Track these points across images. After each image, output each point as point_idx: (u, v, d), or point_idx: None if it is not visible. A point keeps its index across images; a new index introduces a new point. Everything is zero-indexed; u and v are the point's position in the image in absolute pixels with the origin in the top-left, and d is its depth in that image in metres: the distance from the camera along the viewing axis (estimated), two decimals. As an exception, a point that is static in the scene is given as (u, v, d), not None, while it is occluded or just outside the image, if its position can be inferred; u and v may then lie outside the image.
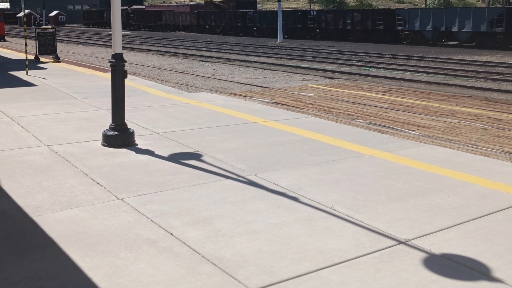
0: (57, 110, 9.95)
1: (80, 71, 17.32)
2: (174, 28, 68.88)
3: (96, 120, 9.02)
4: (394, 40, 42.13)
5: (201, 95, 12.61)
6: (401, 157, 6.87)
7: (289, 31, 50.04)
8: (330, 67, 22.98)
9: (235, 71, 21.15)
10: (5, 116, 9.31)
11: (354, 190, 5.56)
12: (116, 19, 7.32)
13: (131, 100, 10.49)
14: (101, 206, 5.00)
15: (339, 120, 9.75)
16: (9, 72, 16.52)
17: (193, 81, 17.71)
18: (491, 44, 35.55)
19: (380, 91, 14.50)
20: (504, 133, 9.02)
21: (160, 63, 24.65)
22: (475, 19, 36.15)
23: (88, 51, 32.24)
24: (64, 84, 13.66)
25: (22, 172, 6.06)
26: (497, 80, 18.52)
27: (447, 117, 10.49)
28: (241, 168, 6.29)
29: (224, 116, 9.58)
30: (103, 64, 21.43)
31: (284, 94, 13.84)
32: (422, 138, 8.41)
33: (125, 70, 7.39)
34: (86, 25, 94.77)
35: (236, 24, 57.17)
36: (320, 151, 7.15)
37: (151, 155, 6.84)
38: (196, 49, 34.74)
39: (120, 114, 7.37)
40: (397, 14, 42.00)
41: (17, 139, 7.63)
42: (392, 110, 11.34)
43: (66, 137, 7.76)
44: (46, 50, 20.43)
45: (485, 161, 6.82)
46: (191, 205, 5.05)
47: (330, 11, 51.86)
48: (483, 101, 12.92)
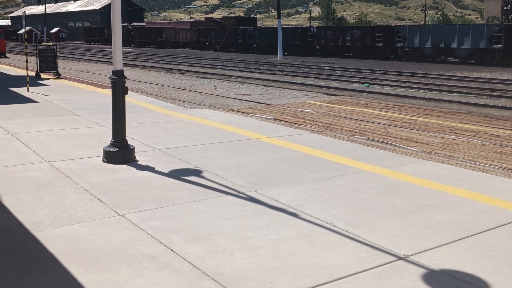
0: (58, 127, 10.00)
1: (81, 87, 17.41)
2: (175, 44, 69.29)
3: (97, 137, 9.06)
4: (393, 56, 42.36)
5: (202, 112, 12.68)
6: (401, 173, 6.89)
7: (289, 47, 50.32)
8: (330, 84, 23.09)
9: (235, 88, 21.24)
10: (6, 133, 9.36)
11: (353, 206, 5.58)
12: (116, 36, 7.39)
13: (131, 117, 10.54)
14: (102, 222, 5.02)
15: (338, 137, 9.80)
16: (10, 88, 16.60)
17: (193, 97, 17.79)
18: (490, 61, 35.73)
19: (379, 107, 14.57)
20: (503, 149, 9.06)
21: (160, 79, 24.77)
22: (474, 35, 36.36)
23: (89, 68, 32.41)
24: (65, 101, 13.73)
25: (23, 188, 6.08)
26: (496, 97, 18.61)
27: (446, 134, 10.53)
28: (241, 184, 6.32)
29: (224, 133, 9.63)
30: (104, 81, 21.54)
31: (284, 110, 13.90)
32: (421, 154, 8.45)
33: (126, 86, 7.44)
34: (86, 41, 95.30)
35: (236, 40, 57.51)
36: (320, 167, 7.18)
37: (152, 171, 6.87)
38: (197, 66, 34.92)
39: (120, 131, 7.41)
40: (396, 31, 42.25)
41: (18, 155, 7.67)
42: (392, 126, 11.39)
43: (67, 154, 7.79)
44: (47, 66, 20.56)
45: (484, 177, 6.85)
46: (191, 221, 5.06)
47: (330, 28, 52.18)
48: (482, 117, 12.97)
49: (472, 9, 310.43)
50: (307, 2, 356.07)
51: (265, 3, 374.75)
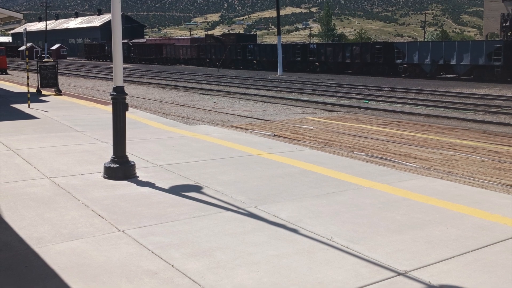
0: (58, 143, 10.04)
1: (82, 104, 17.49)
2: (175, 61, 69.62)
3: (98, 153, 9.10)
4: (393, 73, 42.56)
5: (202, 128, 12.73)
6: (400, 189, 6.92)
7: (289, 64, 50.57)
8: (330, 100, 23.19)
9: (235, 104, 21.33)
10: (7, 149, 9.40)
11: (353, 222, 5.60)
12: (117, 52, 7.45)
13: (132, 133, 10.59)
14: (103, 238, 5.04)
15: (338, 153, 9.84)
16: (11, 105, 16.68)
17: (193, 114, 17.86)
18: (489, 77, 35.89)
19: (379, 123, 14.63)
20: (502, 166, 9.09)
21: (161, 96, 24.88)
22: (473, 52, 36.58)
23: (90, 84, 32.55)
24: (66, 117, 13.80)
25: (24, 204, 6.11)
26: (495, 113, 18.68)
27: (445, 150, 10.57)
28: (241, 200, 6.35)
29: (225, 149, 9.67)
30: (105, 97, 21.64)
31: (283, 126, 13.95)
32: (420, 170, 8.48)
33: (126, 103, 7.49)
34: (87, 58, 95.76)
35: (236, 57, 57.81)
36: (320, 183, 7.21)
37: (152, 187, 6.90)
38: (197, 82, 35.08)
39: (121, 147, 7.45)
40: (396, 47, 42.51)
41: (19, 171, 7.70)
42: (391, 142, 11.43)
43: (67, 170, 7.83)
44: (48, 83, 20.68)
45: (483, 193, 6.88)
46: (192, 237, 5.09)
47: (330, 44, 52.48)
48: (481, 133, 13.02)
49: (471, 26, 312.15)
50: (307, 19, 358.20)
51: (265, 20, 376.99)
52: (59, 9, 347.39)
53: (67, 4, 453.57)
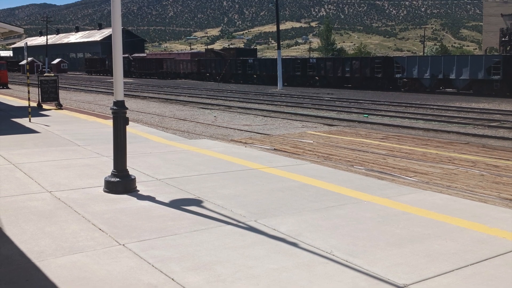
0: (59, 157, 10.08)
1: (82, 118, 17.55)
2: (175, 75, 69.87)
3: (98, 167, 9.14)
4: (392, 87, 42.70)
5: (202, 142, 12.77)
6: (400, 203, 6.95)
7: (289, 78, 50.75)
8: (329, 114, 23.26)
9: (235, 118, 21.40)
10: (8, 163, 9.43)
11: (353, 235, 5.62)
12: (117, 66, 7.49)
13: (132, 147, 10.63)
14: (103, 252, 5.06)
15: (338, 167, 9.87)
16: (12, 119, 16.74)
17: (193, 128, 17.92)
18: (488, 92, 36.01)
19: (378, 138, 14.67)
20: (501, 180, 9.12)
21: (161, 110, 24.96)
22: (473, 66, 36.71)
23: (90, 99, 32.66)
24: (67, 131, 13.85)
25: (25, 218, 6.13)
26: (494, 127, 18.74)
27: (444, 164, 10.61)
28: (241, 214, 6.37)
29: (225, 163, 9.70)
30: (105, 111, 21.71)
31: (283, 141, 14.00)
32: (420, 184, 8.51)
33: (127, 117, 7.52)
34: (88, 72, 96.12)
35: (236, 71, 58.03)
36: (320, 197, 7.24)
37: (153, 201, 6.92)
38: (197, 97, 35.19)
39: (121, 161, 7.48)
40: (395, 61, 42.68)
41: (20, 185, 7.73)
42: (391, 156, 11.47)
43: (68, 184, 7.86)
44: (49, 97, 20.77)
45: (482, 207, 6.90)
46: (192, 251, 5.11)
47: (329, 58, 52.71)
48: (480, 147, 13.06)
49: (471, 40, 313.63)
50: (307, 34, 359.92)
51: (265, 34, 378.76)
52: (60, 24, 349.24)
53: (68, 19, 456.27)
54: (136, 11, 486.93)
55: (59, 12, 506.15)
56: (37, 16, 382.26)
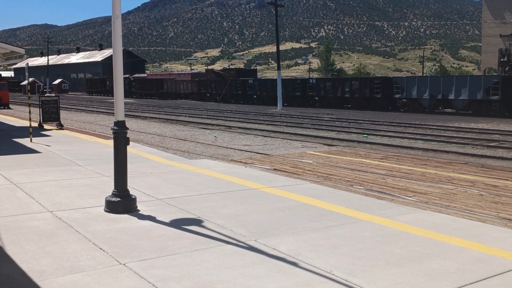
0: (60, 177, 10.13)
1: (83, 138, 17.63)
2: (176, 96, 70.17)
3: (99, 187, 9.18)
4: (392, 107, 42.85)
5: (202, 162, 12.83)
6: (399, 223, 6.98)
7: (289, 98, 50.96)
8: (329, 135, 23.34)
9: (235, 138, 21.47)
10: (9, 183, 9.48)
11: (352, 255, 5.65)
12: (118, 87, 7.57)
13: (133, 167, 10.68)
14: (104, 271, 5.09)
15: (337, 187, 9.91)
16: (13, 139, 16.82)
17: (194, 148, 17.98)
18: (487, 112, 36.13)
19: (378, 158, 14.73)
20: (500, 199, 9.16)
21: (161, 130, 25.05)
22: (472, 87, 36.87)
23: (91, 119, 32.79)
24: (67, 151, 13.91)
25: (26, 237, 6.17)
26: (493, 147, 18.80)
27: (443, 184, 10.65)
28: (241, 234, 6.40)
29: (225, 183, 9.75)
30: (106, 131, 21.80)
31: (283, 161, 14.05)
32: (419, 204, 8.55)
33: (127, 137, 7.58)
34: (89, 93, 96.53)
35: (237, 92, 58.29)
36: (319, 216, 7.28)
37: (153, 221, 6.96)
38: (197, 117, 35.32)
39: (122, 181, 7.53)
40: (394, 82, 42.87)
41: (21, 205, 7.77)
42: (390, 176, 11.51)
43: (69, 203, 7.90)
44: (50, 117, 20.88)
45: (481, 226, 6.94)
46: (192, 270, 5.13)
47: (329, 79, 52.96)
48: (479, 167, 13.11)
49: (470, 61, 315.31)
50: (306, 54, 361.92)
51: (265, 54, 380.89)
52: (61, 44, 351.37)
53: (69, 39, 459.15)
54: (137, 31, 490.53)
55: (60, 33, 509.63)
56: (38, 37, 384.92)
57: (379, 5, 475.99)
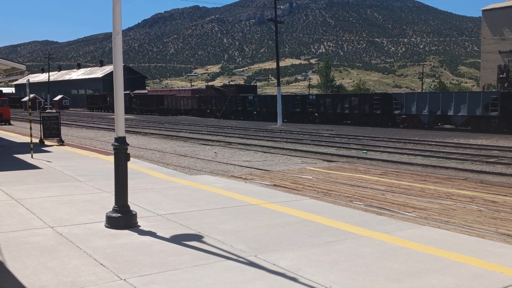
0: (61, 193, 10.17)
1: (84, 154, 17.68)
2: (176, 112, 70.36)
3: (100, 202, 9.22)
4: (391, 123, 42.96)
5: (202, 178, 12.87)
6: (398, 238, 7.01)
7: (289, 114, 51.10)
8: (329, 150, 23.39)
9: (235, 154, 21.52)
10: (11, 198, 9.52)
11: (352, 270, 5.67)
12: (119, 103, 7.65)
13: (133, 183, 10.72)
14: (105, 286, 5.11)
15: (337, 202, 9.95)
16: (14, 155, 16.87)
17: (194, 164, 18.02)
18: (486, 128, 36.22)
19: (377, 173, 14.77)
20: (499, 215, 9.19)
21: (162, 146, 25.11)
22: (471, 103, 37.01)
23: (92, 135, 32.86)
24: (68, 167, 13.96)
25: (27, 253, 6.19)
26: (492, 163, 18.85)
27: (443, 199, 10.68)
28: (241, 249, 6.43)
29: (225, 198, 9.79)
30: (106, 147, 21.85)
31: (283, 176, 14.09)
32: (418, 219, 8.58)
33: (128, 153, 7.63)
34: (89, 109, 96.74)
35: (237, 108, 58.47)
36: (319, 232, 7.31)
37: (153, 236, 6.99)
38: (198, 133, 35.41)
39: (123, 196, 7.57)
40: (394, 98, 43.04)
41: (22, 221, 7.81)
42: (389, 192, 11.55)
43: (70, 219, 7.94)
44: (51, 133, 20.96)
45: (480, 242, 6.96)
46: (193, 286, 5.16)
47: (329, 95, 53.16)
48: (478, 183, 13.15)
49: (469, 77, 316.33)
50: (306, 70, 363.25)
51: (265, 71, 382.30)
52: (62, 61, 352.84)
53: (70, 56, 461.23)
54: (137, 48, 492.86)
55: (61, 49, 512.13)
56: (39, 53, 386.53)
57: (378, 21, 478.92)
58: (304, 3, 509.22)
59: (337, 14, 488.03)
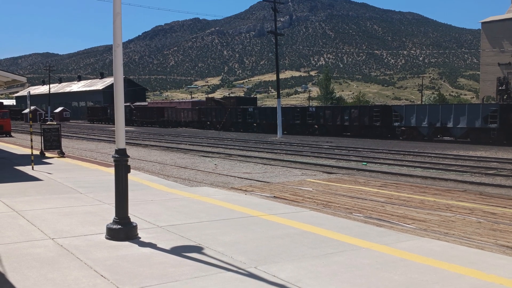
0: (62, 204, 10.20)
1: (85, 166, 17.72)
2: (176, 124, 70.47)
3: (100, 214, 9.25)
4: (391, 135, 43.01)
5: (203, 190, 12.90)
6: (398, 250, 7.04)
7: (289, 126, 51.18)
8: (329, 162, 23.43)
9: (235, 166, 21.55)
10: (11, 210, 9.55)
11: (351, 282, 5.70)
12: (119, 115, 7.69)
13: (134, 194, 10.76)
14: (105, 298, 5.14)
15: (337, 214, 9.98)
16: (15, 167, 16.91)
17: (194, 175, 18.05)
18: (485, 140, 36.28)
19: (377, 185, 14.81)
20: (498, 227, 9.22)
21: (162, 158, 25.15)
22: (470, 115, 37.09)
23: (92, 147, 32.91)
24: (69, 179, 14.00)
25: (28, 264, 6.22)
26: (491, 175, 18.88)
27: (442, 211, 10.71)
28: (241, 261, 6.46)
29: (225, 210, 9.82)
30: (107, 159, 21.89)
31: (283, 188, 14.12)
32: (418, 231, 8.61)
33: (128, 165, 7.67)
34: (90, 121, 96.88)
35: (237, 120, 58.56)
36: (319, 244, 7.34)
37: (154, 248, 7.02)
38: (198, 145, 35.47)
39: (123, 208, 7.61)
40: (393, 110, 43.12)
41: (23, 233, 7.84)
42: (389, 204, 11.58)
43: (70, 231, 7.97)
44: (51, 145, 21.01)
45: (479, 254, 6.99)
46: (193, 297, 5.18)
47: (329, 107, 53.25)
48: (477, 195, 13.19)
49: (468, 89, 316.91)
50: (306, 82, 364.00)
51: (264, 83, 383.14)
52: (62, 73, 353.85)
53: (70, 68, 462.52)
54: (138, 60, 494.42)
55: (61, 61, 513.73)
56: (40, 65, 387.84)
57: (378, 34, 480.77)
58: (304, 16, 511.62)
59: (337, 26, 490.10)
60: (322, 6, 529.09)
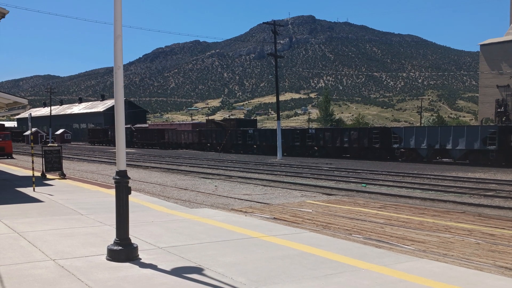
0: (63, 226, 10.26)
1: (86, 187, 17.79)
2: (177, 146, 70.60)
3: (101, 235, 9.31)
4: (390, 157, 43.10)
5: (203, 211, 12.96)
6: (397, 271, 7.09)
7: (288, 148, 51.28)
8: (328, 184, 23.48)
9: (235, 188, 21.61)
10: (13, 231, 9.61)
11: (350, 302, 5.75)
12: (120, 137, 7.79)
13: (135, 216, 10.82)
14: (107, 318, 5.18)
15: (336, 235, 10.03)
16: (16, 188, 16.98)
17: (195, 197, 18.10)
18: (484, 162, 36.36)
19: (376, 207, 14.86)
20: (496, 248, 9.27)
21: (163, 179, 25.21)
22: (469, 137, 37.22)
23: (93, 168, 32.98)
24: (70, 200, 14.06)
25: (29, 285, 6.27)
26: (490, 197, 18.93)
27: (441, 232, 10.76)
28: (241, 282, 6.51)
29: (225, 231, 9.87)
30: (108, 181, 21.96)
31: (283, 210, 14.18)
32: (417, 252, 8.66)
33: (129, 186, 7.75)
34: (91, 143, 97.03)
35: (237, 142, 58.70)
36: (318, 265, 7.39)
37: (154, 269, 7.07)
38: (198, 166, 35.54)
39: (124, 229, 7.67)
40: (393, 132, 43.26)
41: (24, 254, 7.89)
42: (388, 225, 11.63)
43: (71, 252, 8.02)
44: (53, 167, 21.10)
45: (478, 275, 7.04)
46: (193, 317, 5.23)
47: (328, 129, 53.42)
48: (476, 216, 13.24)
49: (467, 111, 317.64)
50: (306, 104, 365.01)
51: (264, 105, 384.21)
52: (63, 95, 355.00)
53: (71, 90, 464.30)
54: (138, 82, 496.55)
55: (62, 83, 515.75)
56: (41, 87, 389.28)
57: (377, 56, 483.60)
58: (304, 38, 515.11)
59: (337, 49, 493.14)
60: (322, 28, 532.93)
